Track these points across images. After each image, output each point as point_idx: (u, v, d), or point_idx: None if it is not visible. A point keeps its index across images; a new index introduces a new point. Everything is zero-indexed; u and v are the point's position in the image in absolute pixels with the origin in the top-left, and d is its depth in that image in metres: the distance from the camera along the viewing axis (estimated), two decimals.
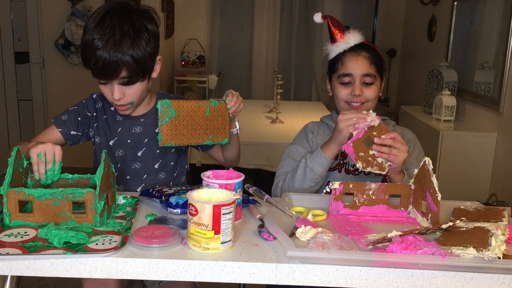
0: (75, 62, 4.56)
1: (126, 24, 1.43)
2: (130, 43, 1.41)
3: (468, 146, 3.35)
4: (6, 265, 1.05)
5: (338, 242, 1.07)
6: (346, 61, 1.64)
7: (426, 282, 1.05)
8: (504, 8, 3.32)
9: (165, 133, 1.44)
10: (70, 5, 4.47)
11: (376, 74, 1.64)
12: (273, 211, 1.26)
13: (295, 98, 5.81)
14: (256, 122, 3.75)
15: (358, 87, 1.61)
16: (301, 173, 1.58)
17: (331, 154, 1.54)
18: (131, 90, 1.49)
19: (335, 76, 1.67)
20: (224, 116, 1.51)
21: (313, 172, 1.56)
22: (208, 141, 1.51)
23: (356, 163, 1.43)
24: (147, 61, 1.46)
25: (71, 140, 1.62)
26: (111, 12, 1.45)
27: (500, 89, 3.21)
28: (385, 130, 1.45)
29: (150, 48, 1.47)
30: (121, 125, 1.62)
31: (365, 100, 1.63)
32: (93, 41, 1.41)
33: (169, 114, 1.43)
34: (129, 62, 1.42)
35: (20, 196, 1.18)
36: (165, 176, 1.66)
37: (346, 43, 1.65)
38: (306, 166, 1.57)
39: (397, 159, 1.42)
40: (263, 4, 5.72)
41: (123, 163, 1.62)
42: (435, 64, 3.94)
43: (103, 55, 1.40)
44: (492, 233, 1.09)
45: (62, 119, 1.61)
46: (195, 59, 5.59)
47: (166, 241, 1.09)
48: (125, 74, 1.44)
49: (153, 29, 1.49)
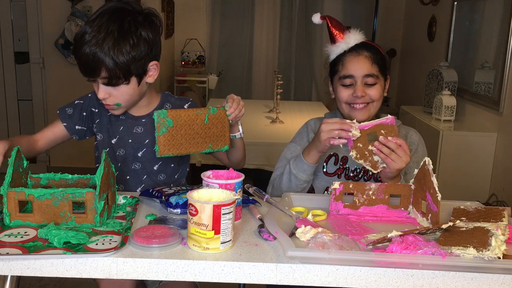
0: (75, 62, 4.54)
1: (113, 24, 1.42)
2: (112, 43, 1.40)
3: (468, 146, 3.34)
4: (6, 265, 1.05)
5: (338, 242, 1.07)
6: (347, 61, 1.60)
7: (426, 282, 1.05)
8: (504, 8, 3.32)
9: (162, 144, 1.42)
10: (70, 5, 4.47)
11: (378, 74, 1.59)
12: (273, 211, 1.26)
13: (295, 98, 5.81)
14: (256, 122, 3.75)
15: (360, 88, 1.57)
16: (286, 179, 1.58)
17: (313, 160, 1.53)
18: (117, 91, 1.48)
19: (336, 77, 1.63)
20: (223, 123, 1.49)
21: (297, 178, 1.55)
22: (207, 149, 1.49)
23: (351, 150, 1.43)
24: (130, 65, 1.44)
25: (77, 135, 1.62)
26: (106, 11, 1.45)
27: (500, 89, 3.21)
28: (394, 133, 1.42)
29: (137, 53, 1.44)
30: (123, 124, 1.61)
31: (370, 100, 1.58)
32: (82, 35, 1.43)
33: (166, 124, 1.41)
34: (108, 63, 1.41)
35: (20, 196, 1.18)
36: (164, 178, 1.65)
37: (346, 43, 1.61)
38: (290, 173, 1.56)
39: (393, 165, 1.40)
40: (263, 4, 5.72)
41: (124, 163, 1.62)
42: (435, 64, 3.94)
43: (86, 50, 1.41)
44: (492, 233, 1.09)
45: (68, 113, 1.60)
46: (195, 59, 5.59)
47: (166, 241, 1.09)
48: (105, 74, 1.43)
49: (147, 34, 1.46)
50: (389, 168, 1.41)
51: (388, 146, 1.40)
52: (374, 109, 1.60)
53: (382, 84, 1.61)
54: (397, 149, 1.39)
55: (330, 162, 1.66)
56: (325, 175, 1.66)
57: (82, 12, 4.47)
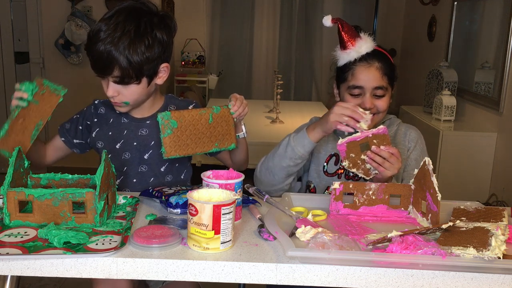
0: (75, 62, 4.56)
1: (130, 24, 1.42)
2: (128, 43, 1.41)
3: (468, 146, 3.34)
4: (6, 265, 1.05)
5: (338, 242, 1.07)
6: (357, 72, 1.54)
7: (426, 282, 1.05)
8: (504, 8, 3.32)
9: (168, 145, 1.43)
10: (70, 5, 4.47)
11: (388, 86, 1.56)
12: (273, 211, 1.26)
13: (295, 98, 5.81)
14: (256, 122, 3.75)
15: (369, 100, 1.54)
16: (282, 150, 1.55)
17: (315, 138, 1.51)
18: (126, 90, 1.48)
19: (344, 86, 1.59)
20: (228, 122, 1.49)
21: (294, 151, 1.53)
22: (214, 148, 1.50)
23: (344, 161, 1.44)
24: (143, 65, 1.44)
25: (78, 148, 1.65)
26: (123, 9, 1.45)
27: (500, 89, 3.21)
28: (387, 142, 1.42)
29: (151, 54, 1.44)
30: (127, 127, 1.61)
31: (376, 111, 1.56)
32: (97, 32, 1.43)
33: (170, 125, 1.42)
34: (122, 62, 1.41)
35: (20, 196, 1.18)
36: (172, 178, 1.64)
37: (357, 51, 1.54)
38: (288, 145, 1.54)
39: (385, 172, 1.41)
40: (263, 4, 5.72)
41: (130, 166, 1.61)
42: (435, 64, 3.94)
43: (100, 48, 1.41)
44: (492, 233, 1.09)
45: (66, 128, 1.65)
46: (195, 59, 5.58)
47: (166, 241, 1.09)
48: (117, 73, 1.43)
49: (162, 36, 1.47)
50: (381, 175, 1.43)
51: (381, 155, 1.40)
52: (379, 119, 1.59)
53: (390, 95, 1.59)
54: (390, 157, 1.40)
55: (331, 162, 1.66)
56: (325, 175, 1.66)
57: (82, 12, 4.47)
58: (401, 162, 1.42)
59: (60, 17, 4.47)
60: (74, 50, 4.54)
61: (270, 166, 1.58)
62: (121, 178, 1.60)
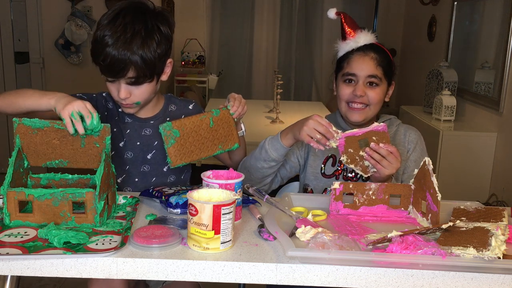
0: (75, 62, 4.56)
1: (138, 23, 1.41)
2: (141, 43, 1.40)
3: (468, 146, 3.34)
4: (6, 265, 1.05)
5: (338, 242, 1.07)
6: (353, 60, 1.59)
7: (426, 282, 1.05)
8: (504, 8, 3.32)
9: (173, 155, 1.44)
10: (70, 5, 4.47)
11: (382, 77, 1.58)
12: (273, 211, 1.26)
13: (295, 98, 5.81)
14: (256, 122, 3.75)
15: (361, 87, 1.57)
16: (258, 151, 1.58)
17: (288, 143, 1.53)
18: (138, 90, 1.47)
19: (340, 74, 1.63)
20: (229, 123, 1.50)
21: (267, 154, 1.55)
22: (218, 151, 1.51)
23: (342, 155, 1.44)
24: (156, 63, 1.44)
25: None
26: (126, 11, 1.44)
27: (500, 89, 3.21)
28: (386, 140, 1.43)
29: (161, 50, 1.44)
30: (130, 127, 1.60)
31: (367, 102, 1.58)
32: (104, 37, 1.40)
33: (173, 135, 1.43)
34: (137, 62, 1.40)
35: (20, 196, 1.18)
36: (174, 178, 1.64)
37: (355, 42, 1.60)
38: (263, 147, 1.57)
39: (383, 171, 1.41)
40: (263, 4, 5.72)
41: (132, 165, 1.61)
42: (435, 64, 3.94)
43: (112, 52, 1.39)
44: (492, 233, 1.09)
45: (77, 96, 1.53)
46: (195, 59, 5.59)
47: (166, 241, 1.09)
48: (132, 74, 1.42)
49: (166, 31, 1.47)
50: (379, 174, 1.42)
51: (379, 152, 1.41)
52: (371, 113, 1.60)
53: (384, 88, 1.60)
54: (388, 155, 1.40)
55: (328, 163, 1.66)
56: (323, 176, 1.66)
57: (82, 12, 4.47)
58: (400, 162, 1.42)
59: (60, 17, 4.47)
60: (74, 50, 4.54)
61: (247, 166, 1.61)
62: (123, 177, 1.60)
